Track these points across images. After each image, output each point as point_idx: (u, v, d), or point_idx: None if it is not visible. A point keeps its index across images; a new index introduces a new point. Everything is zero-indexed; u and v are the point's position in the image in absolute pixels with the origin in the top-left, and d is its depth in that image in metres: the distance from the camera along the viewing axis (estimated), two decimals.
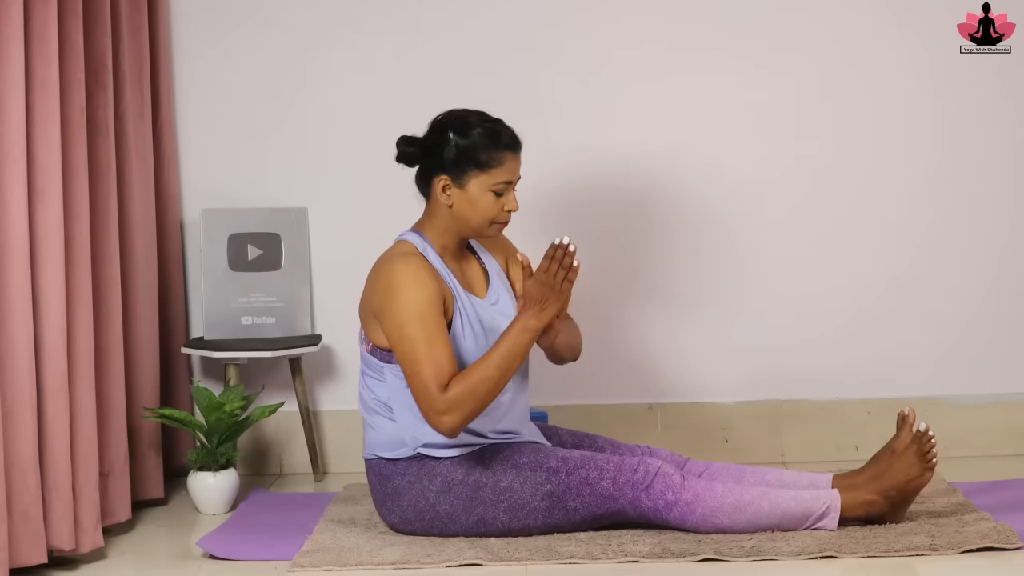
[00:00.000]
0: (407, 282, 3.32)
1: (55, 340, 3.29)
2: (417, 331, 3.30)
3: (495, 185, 3.37)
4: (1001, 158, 4.25)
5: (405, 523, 3.44)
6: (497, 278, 3.55)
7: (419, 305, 3.30)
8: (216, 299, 4.17)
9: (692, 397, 4.29)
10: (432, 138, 3.41)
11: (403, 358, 3.32)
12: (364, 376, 3.49)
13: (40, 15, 3.27)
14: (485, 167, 3.36)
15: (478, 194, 3.38)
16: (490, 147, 3.36)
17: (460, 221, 3.42)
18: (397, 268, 3.35)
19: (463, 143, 3.36)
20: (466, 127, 3.37)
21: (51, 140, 3.28)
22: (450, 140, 3.37)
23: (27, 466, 3.19)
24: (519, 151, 3.40)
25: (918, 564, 3.16)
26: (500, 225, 3.43)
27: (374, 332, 3.41)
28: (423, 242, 3.45)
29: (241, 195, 4.27)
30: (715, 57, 4.24)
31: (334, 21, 4.25)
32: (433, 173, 3.41)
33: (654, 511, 3.34)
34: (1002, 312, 4.27)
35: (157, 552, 3.53)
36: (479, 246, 3.60)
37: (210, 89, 4.26)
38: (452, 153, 3.37)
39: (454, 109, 3.43)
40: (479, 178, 3.37)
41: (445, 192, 3.39)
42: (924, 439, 3.39)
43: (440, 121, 3.42)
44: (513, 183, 3.40)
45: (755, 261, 4.27)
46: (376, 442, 3.46)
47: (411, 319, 3.30)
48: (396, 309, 3.31)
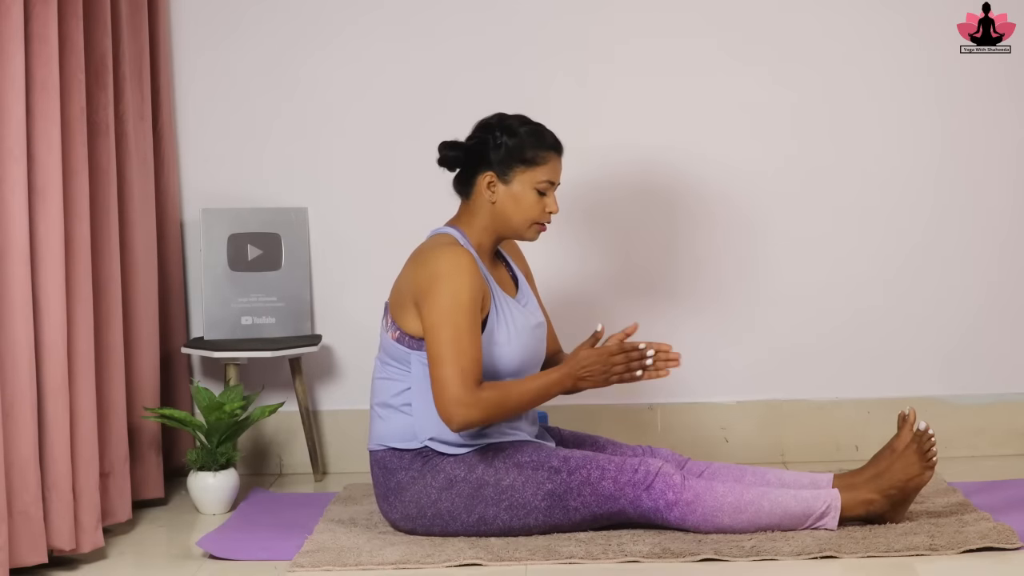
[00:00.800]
0: (456, 271, 3.35)
1: (55, 340, 3.29)
2: (463, 320, 3.33)
3: (539, 183, 3.45)
4: (1001, 158, 4.25)
5: (406, 520, 3.44)
6: (523, 282, 3.62)
7: (468, 293, 3.34)
8: (216, 299, 4.17)
9: (692, 397, 4.30)
10: (478, 138, 3.49)
11: (440, 344, 3.33)
12: (384, 365, 3.49)
13: (40, 15, 3.27)
14: (531, 164, 3.45)
15: (522, 191, 3.45)
16: (536, 145, 3.46)
17: (501, 219, 3.47)
18: (446, 256, 3.37)
19: (511, 141, 3.45)
20: (514, 127, 3.47)
21: (51, 140, 3.28)
22: (498, 138, 3.46)
23: (27, 466, 3.19)
24: (561, 153, 3.51)
25: (918, 564, 3.16)
26: (539, 227, 3.49)
27: (407, 320, 3.42)
28: (462, 237, 3.47)
29: (241, 195, 4.27)
30: (714, 57, 4.24)
31: (334, 21, 4.25)
32: (478, 171, 3.47)
33: (655, 511, 3.35)
34: (1002, 312, 4.27)
35: (157, 552, 3.53)
36: (507, 254, 3.65)
37: (210, 89, 4.26)
38: (500, 150, 3.45)
39: (500, 113, 3.52)
40: (525, 175, 3.45)
41: (490, 188, 3.46)
42: (924, 438, 3.39)
43: (487, 122, 3.51)
44: (555, 184, 3.48)
45: (755, 261, 4.27)
46: (384, 433, 3.47)
47: (460, 307, 3.33)
48: (443, 295, 3.34)
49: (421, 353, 3.42)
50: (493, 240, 3.52)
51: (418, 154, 4.25)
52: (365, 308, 4.24)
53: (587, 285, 4.21)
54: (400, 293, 3.45)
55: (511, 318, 3.47)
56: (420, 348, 3.42)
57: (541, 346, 3.56)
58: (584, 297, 4.22)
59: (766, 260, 4.27)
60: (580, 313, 4.19)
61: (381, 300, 4.22)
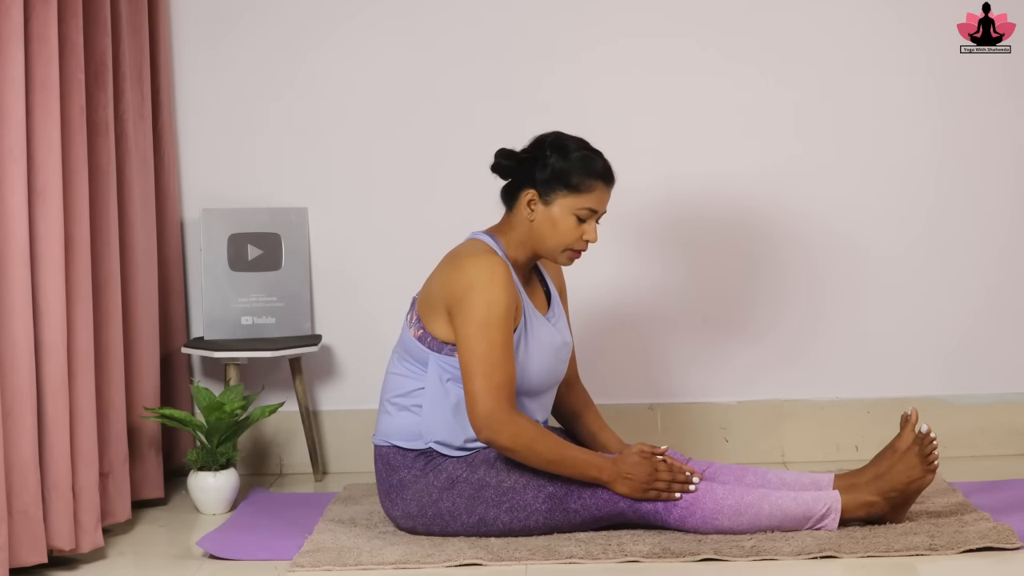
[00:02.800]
0: (491, 282, 3.32)
1: (55, 340, 3.29)
2: (496, 334, 3.31)
3: (579, 210, 3.40)
4: (1001, 158, 4.25)
5: (407, 518, 3.44)
6: (556, 300, 3.58)
7: (503, 307, 3.32)
8: (216, 299, 4.17)
9: (692, 397, 4.30)
10: (531, 152, 3.44)
11: (473, 357, 3.31)
12: (401, 361, 3.47)
13: (40, 15, 3.27)
14: (575, 190, 3.39)
15: (561, 215, 3.40)
16: (584, 173, 3.39)
17: (537, 239, 3.43)
18: (482, 265, 3.34)
19: (559, 164, 3.39)
20: (566, 149, 3.41)
21: (51, 140, 3.28)
22: (548, 157, 3.40)
23: (27, 466, 3.19)
24: (611, 184, 3.44)
25: (918, 564, 3.16)
26: (574, 253, 3.44)
27: (435, 322, 3.40)
28: (499, 247, 3.45)
29: (241, 195, 4.27)
30: (713, 57, 4.24)
31: (334, 21, 4.24)
32: (523, 186, 3.43)
33: (654, 513, 3.35)
34: (1003, 312, 4.27)
35: (157, 552, 3.53)
36: (543, 269, 3.62)
37: (210, 89, 4.26)
38: (546, 170, 3.40)
39: (559, 131, 3.47)
40: (566, 200, 3.39)
41: (530, 206, 3.42)
42: (926, 441, 3.39)
43: (542, 139, 3.46)
44: (599, 214, 3.43)
45: (755, 261, 4.27)
46: (391, 430, 3.46)
47: (495, 320, 3.31)
48: (477, 306, 3.31)
49: (440, 356, 3.40)
50: (528, 256, 3.48)
51: (419, 154, 4.26)
52: (365, 308, 4.24)
53: (587, 284, 4.20)
54: (431, 293, 3.42)
55: (538, 335, 3.44)
56: (440, 351, 3.40)
57: (563, 367, 3.54)
58: (584, 297, 4.21)
59: (766, 260, 4.27)
60: (581, 313, 4.19)
61: (382, 300, 4.23)
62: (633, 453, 3.36)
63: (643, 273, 4.28)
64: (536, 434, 3.31)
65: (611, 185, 3.43)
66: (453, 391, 3.40)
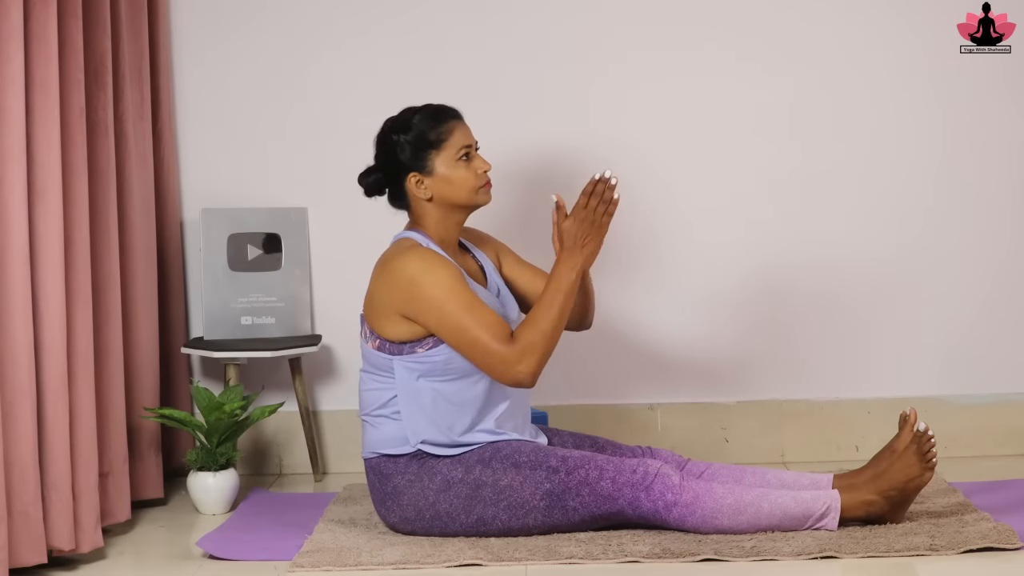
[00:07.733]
0: (428, 266, 3.38)
1: (55, 340, 3.29)
2: (456, 303, 3.35)
3: (456, 155, 3.46)
4: (1001, 158, 4.25)
5: (405, 523, 3.44)
6: (493, 273, 3.61)
7: (448, 279, 3.36)
8: (216, 299, 4.17)
9: (692, 397, 4.30)
10: (383, 152, 3.52)
11: (453, 333, 3.36)
12: (369, 377, 3.50)
13: (40, 15, 3.27)
14: (439, 143, 3.46)
15: (448, 171, 3.46)
16: (434, 125, 3.47)
17: (447, 205, 3.48)
18: (412, 258, 3.40)
19: (411, 136, 3.47)
20: (406, 122, 3.49)
21: (51, 140, 3.28)
22: (397, 140, 3.48)
23: (27, 466, 3.19)
24: (461, 118, 3.51)
25: (918, 564, 3.16)
26: (483, 188, 3.49)
27: (387, 327, 3.42)
28: (424, 238, 3.47)
29: (241, 195, 4.27)
30: (712, 57, 4.24)
31: (334, 21, 4.24)
32: (400, 179, 3.48)
33: (653, 512, 3.35)
34: (1002, 312, 4.27)
35: (157, 552, 3.53)
36: (471, 244, 3.63)
37: (210, 89, 4.26)
38: (406, 149, 3.46)
39: (385, 120, 3.53)
40: (439, 155, 3.46)
41: (419, 186, 3.47)
42: (924, 439, 3.39)
43: (380, 135, 3.53)
44: (473, 147, 3.49)
45: (755, 261, 4.27)
46: (377, 440, 3.47)
47: (447, 296, 3.35)
48: (428, 293, 3.36)
49: (402, 357, 3.42)
50: (454, 228, 3.52)
51: None
52: None
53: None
54: (375, 303, 3.45)
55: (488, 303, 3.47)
56: (401, 353, 3.42)
57: None
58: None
59: (766, 260, 4.27)
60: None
61: None
62: (561, 230, 3.38)
63: (643, 273, 4.28)
64: (537, 326, 3.35)
65: (461, 117, 3.51)
66: (425, 387, 3.42)
